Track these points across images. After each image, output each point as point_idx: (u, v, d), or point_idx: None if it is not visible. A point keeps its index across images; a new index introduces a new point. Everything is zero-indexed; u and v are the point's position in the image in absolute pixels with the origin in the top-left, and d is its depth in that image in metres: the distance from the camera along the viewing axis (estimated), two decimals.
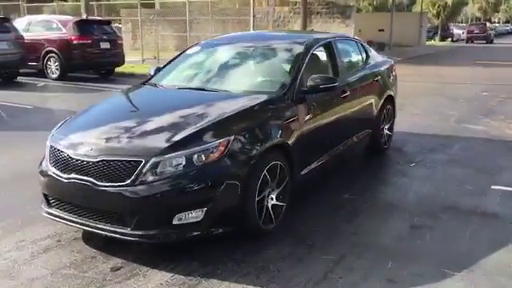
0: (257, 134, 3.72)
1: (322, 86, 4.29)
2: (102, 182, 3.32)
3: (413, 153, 6.30)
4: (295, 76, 4.33)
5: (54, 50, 13.39)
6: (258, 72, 4.70)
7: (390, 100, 6.19)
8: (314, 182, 4.94)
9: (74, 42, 13.22)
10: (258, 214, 3.65)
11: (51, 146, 3.71)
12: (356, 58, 5.78)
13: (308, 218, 4.18)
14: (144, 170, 3.26)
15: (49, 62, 13.62)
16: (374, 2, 46.05)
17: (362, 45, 6.00)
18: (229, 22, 24.42)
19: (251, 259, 3.46)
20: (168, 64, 5.13)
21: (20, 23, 14.43)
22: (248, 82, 4.51)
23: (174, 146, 3.37)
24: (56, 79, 13.51)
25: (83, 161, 3.42)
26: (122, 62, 14.47)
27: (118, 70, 14.85)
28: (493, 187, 4.95)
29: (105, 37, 13.88)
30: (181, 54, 5.26)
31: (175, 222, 3.30)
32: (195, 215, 3.33)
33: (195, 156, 3.34)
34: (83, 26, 13.58)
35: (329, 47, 5.09)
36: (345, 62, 5.29)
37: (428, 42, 37.46)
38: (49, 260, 3.47)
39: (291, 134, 4.03)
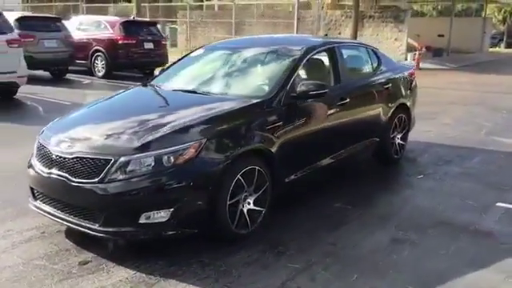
0: (233, 138, 3.73)
1: (311, 93, 4.25)
2: (75, 178, 3.45)
3: (426, 164, 6.09)
4: (285, 81, 4.30)
5: (101, 49, 13.94)
6: (251, 76, 4.72)
7: (404, 109, 6.00)
8: (307, 189, 4.91)
9: (120, 41, 13.71)
10: (231, 218, 3.67)
11: (38, 142, 3.90)
12: (363, 64, 5.67)
13: (290, 225, 4.15)
14: (113, 169, 3.36)
15: (96, 61, 14.19)
16: (439, 7, 44.58)
17: (373, 51, 5.86)
18: (279, 24, 24.44)
19: (217, 263, 3.48)
20: (172, 65, 5.24)
21: (73, 23, 15.13)
22: (240, 86, 4.54)
23: (145, 147, 3.45)
24: (102, 77, 14.06)
25: (60, 157, 3.57)
26: (165, 61, 14.82)
27: None
28: (498, 204, 4.70)
29: (149, 37, 14.31)
30: (185, 56, 5.35)
31: (142, 220, 3.37)
32: (162, 215, 3.39)
33: (165, 157, 3.41)
34: (129, 27, 14.06)
35: (331, 53, 5.02)
36: (348, 69, 5.20)
37: (492, 49, 35.86)
38: (27, 250, 3.64)
39: (274, 140, 4.01)
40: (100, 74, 14.11)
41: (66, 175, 3.49)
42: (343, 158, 5.02)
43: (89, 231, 3.46)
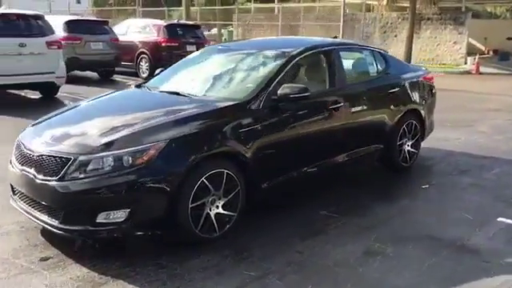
0: (198, 140, 3.68)
1: (292, 96, 4.13)
2: (39, 175, 3.53)
3: (438, 173, 5.77)
4: (266, 84, 4.20)
5: (146, 51, 14.33)
6: (235, 79, 4.63)
7: (415, 115, 5.70)
8: (297, 195, 4.77)
9: (163, 44, 14.02)
10: (195, 221, 3.62)
11: (18, 140, 4.03)
12: (365, 68, 5.44)
13: (264, 231, 4.03)
14: (72, 167, 3.41)
15: (141, 63, 14.60)
16: None
17: (381, 55, 5.60)
18: (333, 27, 24.06)
19: (173, 266, 3.44)
20: (169, 66, 5.27)
21: (122, 26, 15.66)
22: (222, 88, 4.49)
23: (105, 146, 3.47)
24: (145, 79, 14.40)
25: (29, 154, 3.67)
26: None
27: None
28: (499, 219, 4.35)
29: (192, 40, 14.53)
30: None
31: (100, 219, 3.40)
32: (119, 215, 3.40)
33: (124, 157, 3.41)
34: (173, 30, 14.36)
35: (326, 56, 4.85)
36: (345, 72, 5.00)
37: None
38: None
39: (249, 143, 3.91)
40: (144, 75, 14.49)
41: (34, 172, 3.58)
42: (337, 164, 4.83)
43: (51, 228, 3.53)
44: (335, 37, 5.57)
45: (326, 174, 4.87)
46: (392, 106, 5.37)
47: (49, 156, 3.53)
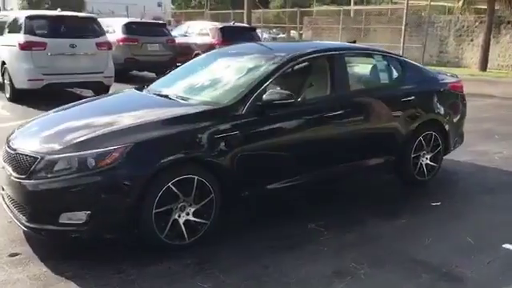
0: (166, 145, 3.63)
1: (276, 102, 3.97)
2: (14, 172, 3.63)
3: (457, 189, 5.36)
4: (252, 89, 4.06)
5: (201, 53, 14.50)
6: (226, 83, 4.49)
7: (436, 126, 5.29)
8: (290, 205, 4.59)
9: (216, 46, 14.12)
10: (160, 227, 3.56)
11: (6, 138, 4.17)
12: (375, 75, 5.12)
13: (237, 242, 3.89)
14: (39, 166, 3.47)
15: None
16: None
17: (397, 61, 5.25)
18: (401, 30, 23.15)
19: (130, 271, 3.40)
20: (175, 68, 5.30)
21: (182, 28, 16.02)
22: (210, 93, 4.39)
23: (70, 148, 3.51)
24: None
25: (9, 152, 3.79)
26: None
27: None
28: (504, 246, 3.92)
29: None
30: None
31: (62, 220, 3.42)
32: (80, 217, 3.41)
33: (88, 159, 3.42)
34: (227, 32, 14.45)
35: (327, 61, 4.61)
36: (349, 79, 4.73)
37: None
38: None
39: (226, 150, 3.80)
40: None
41: (10, 170, 3.69)
42: (335, 175, 4.59)
43: (20, 225, 3.61)
44: (354, 41, 5.25)
45: (322, 184, 4.63)
46: (405, 116, 5.01)
47: (21, 154, 3.62)
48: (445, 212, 4.66)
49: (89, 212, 3.39)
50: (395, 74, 5.22)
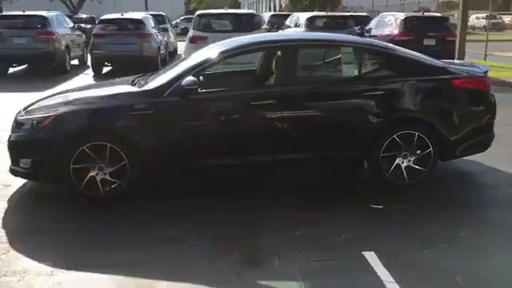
0: (82, 116, 4.66)
1: (185, 88, 4.51)
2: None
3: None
4: (178, 76, 4.67)
5: None
6: (177, 71, 4.91)
7: (419, 125, 4.80)
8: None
9: (395, 38, 13.54)
10: (78, 180, 4.58)
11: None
12: (336, 67, 4.89)
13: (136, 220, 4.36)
14: (14, 124, 4.89)
15: None
16: None
17: (371, 52, 4.98)
18: None
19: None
20: None
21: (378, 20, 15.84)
22: (162, 79, 4.92)
23: (27, 113, 4.87)
24: None
25: (15, 119, 5.19)
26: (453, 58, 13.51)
27: None
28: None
29: (431, 33, 13.31)
30: None
31: (21, 164, 4.77)
32: (26, 162, 4.70)
33: (34, 122, 4.70)
34: (411, 23, 13.71)
35: (274, 52, 4.79)
36: (295, 71, 4.81)
37: None
38: None
39: (137, 125, 4.59)
40: None
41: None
42: (264, 163, 4.79)
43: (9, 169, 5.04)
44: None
45: (249, 170, 4.86)
46: (368, 112, 4.72)
47: (15, 119, 5.07)
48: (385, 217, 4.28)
49: (30, 159, 4.66)
50: (358, 67, 4.96)
